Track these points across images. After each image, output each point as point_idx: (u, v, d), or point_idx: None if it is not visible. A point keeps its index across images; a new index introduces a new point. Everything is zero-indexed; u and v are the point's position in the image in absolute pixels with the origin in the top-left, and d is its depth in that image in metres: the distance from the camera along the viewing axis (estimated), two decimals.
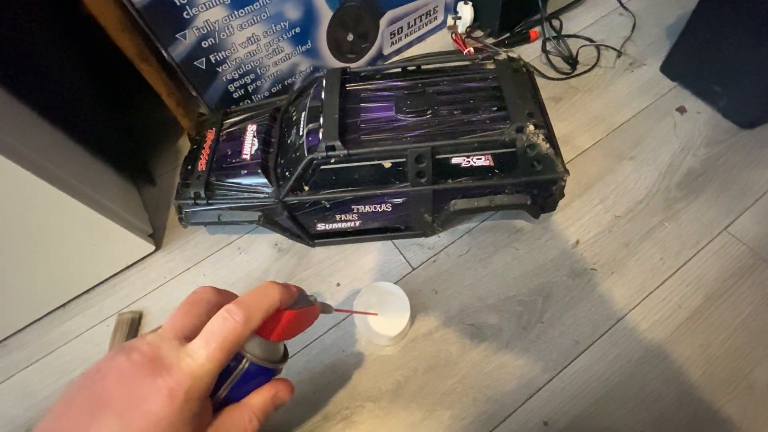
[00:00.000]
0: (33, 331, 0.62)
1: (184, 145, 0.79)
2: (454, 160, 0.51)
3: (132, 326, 0.60)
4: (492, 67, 0.57)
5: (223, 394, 0.26)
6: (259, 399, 0.27)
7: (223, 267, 0.65)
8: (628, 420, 0.50)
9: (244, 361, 0.27)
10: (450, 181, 0.53)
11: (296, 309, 0.29)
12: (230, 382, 0.27)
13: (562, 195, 0.56)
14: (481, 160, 0.51)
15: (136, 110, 0.81)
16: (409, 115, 0.53)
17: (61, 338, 0.61)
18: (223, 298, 0.29)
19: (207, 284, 0.29)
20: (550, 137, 0.52)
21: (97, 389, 0.22)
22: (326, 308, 0.35)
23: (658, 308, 0.56)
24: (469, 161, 0.51)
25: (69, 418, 0.22)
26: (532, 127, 0.49)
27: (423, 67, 0.59)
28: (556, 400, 0.51)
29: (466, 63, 0.59)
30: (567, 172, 0.52)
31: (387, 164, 0.51)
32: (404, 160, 0.51)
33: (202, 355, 0.23)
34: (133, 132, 0.78)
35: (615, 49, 0.81)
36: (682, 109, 0.73)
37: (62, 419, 0.22)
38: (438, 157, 0.51)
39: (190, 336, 0.25)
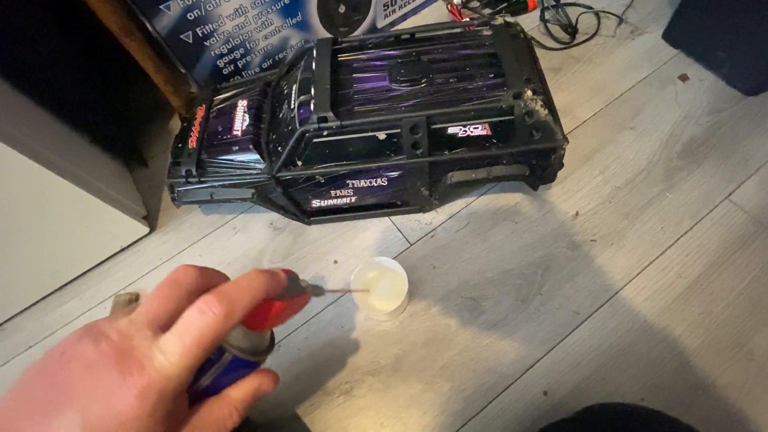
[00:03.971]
0: (30, 315, 0.62)
1: (176, 125, 0.77)
2: (451, 130, 0.50)
3: (129, 306, 0.60)
4: (488, 33, 0.55)
5: (202, 386, 0.25)
6: (240, 391, 0.25)
7: (219, 247, 0.65)
8: (627, 388, 0.50)
9: (226, 354, 0.25)
10: (446, 152, 0.52)
11: (284, 299, 0.27)
12: (210, 374, 0.24)
13: (561, 165, 0.55)
14: (478, 129, 0.49)
15: (126, 91, 0.79)
16: (403, 85, 0.51)
17: (59, 321, 0.61)
18: (207, 280, 0.25)
19: (204, 264, 0.27)
20: (549, 104, 0.51)
21: (59, 378, 0.20)
22: (318, 291, 0.33)
23: (658, 278, 0.56)
24: (465, 131, 0.50)
25: (28, 407, 0.20)
26: (530, 93, 0.47)
27: (417, 35, 0.57)
28: (555, 370, 0.51)
29: (462, 30, 0.57)
30: (566, 139, 0.51)
31: (381, 136, 0.50)
32: (399, 131, 0.49)
33: (176, 353, 0.21)
34: (123, 113, 0.76)
35: (616, 16, 0.79)
36: (684, 77, 0.71)
37: (21, 407, 0.20)
38: (434, 127, 0.49)
39: (166, 324, 0.22)
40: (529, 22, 0.81)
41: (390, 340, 0.55)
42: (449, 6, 0.82)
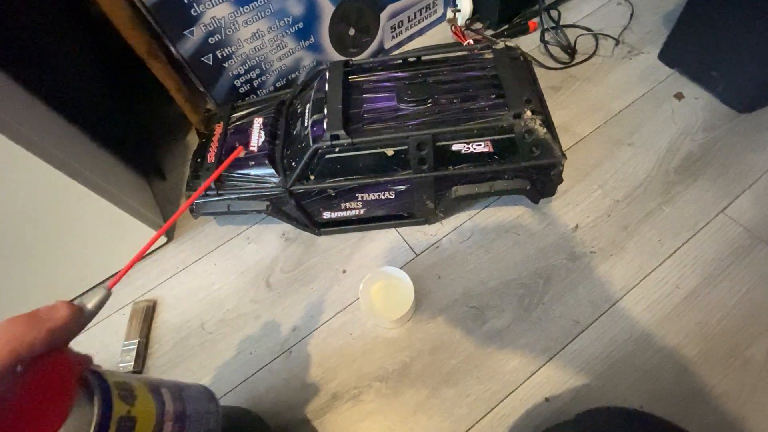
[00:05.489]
0: None
1: (193, 140, 0.81)
2: (455, 147, 0.53)
3: (147, 314, 0.62)
4: (490, 56, 0.58)
5: None
6: None
7: (233, 257, 0.67)
8: (627, 395, 0.51)
9: None
10: (451, 167, 0.55)
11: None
12: None
13: (561, 180, 0.58)
14: (481, 146, 0.52)
15: (146, 107, 0.83)
16: (410, 105, 0.54)
17: None
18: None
19: (217, 273, 0.21)
20: (548, 123, 0.54)
21: None
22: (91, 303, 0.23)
23: (656, 288, 0.58)
24: (469, 148, 0.53)
25: None
26: (529, 113, 0.50)
27: (423, 58, 0.61)
28: (557, 377, 0.53)
29: (465, 53, 0.61)
30: (564, 156, 0.53)
31: (389, 152, 0.53)
32: (406, 147, 0.52)
33: None
34: (143, 128, 0.81)
35: (613, 38, 0.82)
36: (679, 95, 0.74)
37: None
38: (439, 144, 0.52)
39: None
40: (530, 42, 0.85)
41: (397, 347, 0.57)
42: (453, 28, 0.86)
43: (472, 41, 0.83)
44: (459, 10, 0.85)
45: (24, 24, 0.53)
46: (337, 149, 0.52)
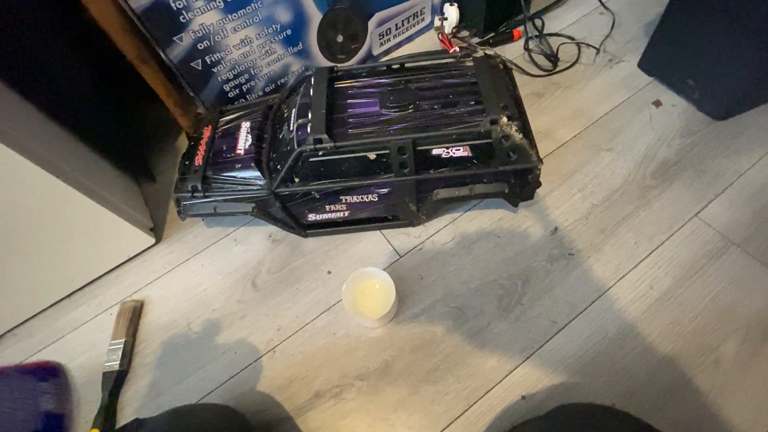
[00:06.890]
0: (41, 319, 0.66)
1: (183, 143, 0.82)
2: (435, 151, 0.54)
3: (134, 314, 0.63)
4: (470, 64, 0.60)
5: None
6: None
7: (221, 258, 0.69)
8: (601, 392, 0.53)
9: None
10: (431, 171, 0.57)
11: None
12: None
13: (539, 184, 0.59)
14: (460, 151, 0.54)
15: (137, 111, 0.84)
16: (392, 110, 0.56)
17: (68, 326, 0.65)
18: None
19: (205, 273, 0.22)
20: (525, 128, 0.56)
21: None
22: None
23: (631, 289, 0.59)
24: (448, 152, 0.54)
25: None
26: (505, 119, 0.52)
27: (406, 65, 0.62)
28: (533, 375, 0.54)
29: (447, 61, 0.63)
30: (541, 161, 0.55)
31: (372, 156, 0.54)
32: (388, 151, 0.54)
33: None
34: (134, 131, 0.82)
35: (594, 47, 0.84)
36: (657, 103, 0.77)
37: None
38: (419, 148, 0.54)
39: None
40: (514, 50, 0.87)
41: (379, 346, 0.58)
42: (440, 35, 0.88)
43: (458, 48, 0.85)
44: (446, 19, 0.87)
45: (15, 29, 0.55)
46: (320, 152, 0.54)
